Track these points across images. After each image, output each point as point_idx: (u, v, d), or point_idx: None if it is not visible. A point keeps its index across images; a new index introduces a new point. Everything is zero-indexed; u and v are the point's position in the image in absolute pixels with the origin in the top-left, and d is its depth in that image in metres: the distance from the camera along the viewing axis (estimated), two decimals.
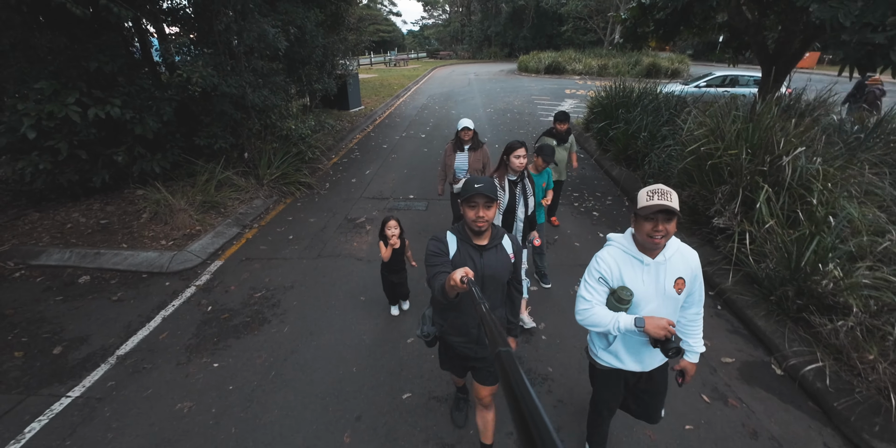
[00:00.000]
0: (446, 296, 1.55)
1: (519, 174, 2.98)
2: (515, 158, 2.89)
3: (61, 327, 3.47)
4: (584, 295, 1.80)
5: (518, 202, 3.00)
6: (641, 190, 1.67)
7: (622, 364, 1.92)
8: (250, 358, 3.16)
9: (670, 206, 1.55)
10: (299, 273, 4.29)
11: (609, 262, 1.77)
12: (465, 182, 1.74)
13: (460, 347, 2.01)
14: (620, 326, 1.67)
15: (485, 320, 0.81)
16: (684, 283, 1.77)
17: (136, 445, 2.47)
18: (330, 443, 2.49)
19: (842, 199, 3.52)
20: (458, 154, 4.18)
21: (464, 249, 1.82)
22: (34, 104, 4.36)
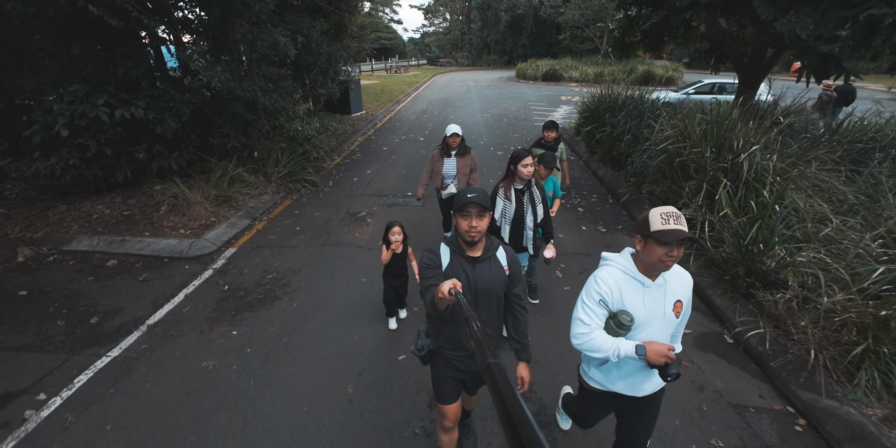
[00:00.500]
0: (436, 308, 1.54)
1: (525, 183, 2.97)
2: (523, 167, 2.88)
3: (95, 302, 3.90)
4: (582, 318, 1.72)
5: (526, 211, 2.99)
6: (653, 211, 1.61)
7: (613, 386, 1.85)
8: (264, 327, 3.59)
9: (691, 235, 1.53)
10: (306, 258, 4.72)
11: (610, 283, 1.70)
12: (459, 193, 1.73)
13: (456, 361, 1.96)
14: (621, 354, 1.62)
15: (472, 332, 0.80)
16: (682, 307, 1.73)
17: (170, 393, 2.89)
18: (336, 392, 2.92)
19: (790, 191, 3.97)
20: (445, 159, 4.24)
21: (456, 261, 1.79)
22: (67, 105, 4.82)
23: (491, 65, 43.93)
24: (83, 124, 4.93)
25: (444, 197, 4.42)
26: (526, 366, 2.01)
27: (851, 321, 2.85)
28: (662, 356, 1.57)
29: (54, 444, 2.52)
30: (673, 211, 1.59)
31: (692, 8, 5.77)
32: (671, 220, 1.55)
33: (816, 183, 4.23)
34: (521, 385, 1.98)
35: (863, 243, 3.32)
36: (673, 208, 1.60)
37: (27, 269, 4.41)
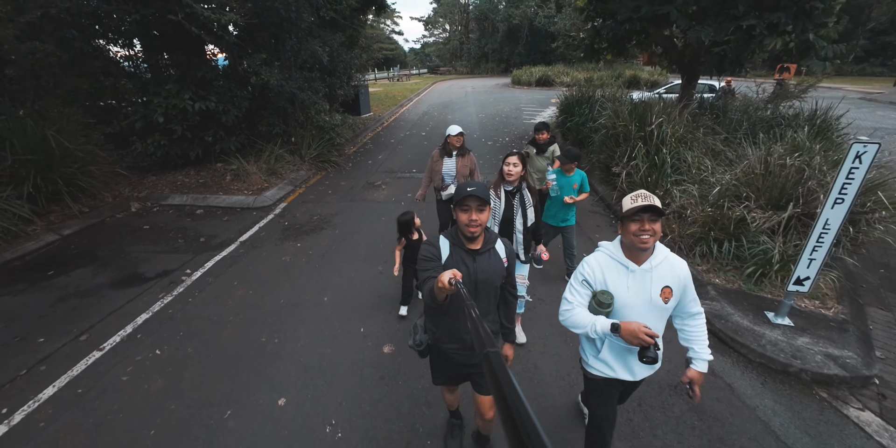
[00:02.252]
0: (435, 299, 1.56)
1: (516, 185, 2.91)
2: (506, 166, 2.86)
3: (198, 231, 5.60)
4: (567, 297, 1.84)
5: (515, 213, 2.92)
6: (626, 197, 1.72)
7: (613, 372, 1.92)
8: (318, 242, 5.27)
9: (653, 204, 1.61)
10: (339, 208, 6.42)
11: (594, 266, 1.80)
12: (459, 186, 1.74)
13: (454, 354, 1.99)
14: (598, 329, 1.69)
15: (472, 321, 0.81)
16: (671, 293, 1.77)
17: (266, 270, 4.57)
18: (371, 269, 4.58)
19: (682, 150, 5.65)
20: (445, 160, 4.20)
21: (456, 254, 1.81)
22: (164, 99, 6.58)
23: (489, 72, 45.97)
24: (173, 114, 6.69)
25: (444, 198, 4.32)
26: (511, 346, 2.14)
27: (696, 220, 4.51)
28: (635, 336, 1.59)
29: (205, 292, 4.20)
30: (641, 192, 1.69)
31: (630, 21, 7.52)
32: (639, 199, 1.66)
33: (709, 145, 5.90)
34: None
35: (722, 179, 4.98)
36: (643, 191, 1.70)
37: (141, 216, 6.13)
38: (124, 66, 7.50)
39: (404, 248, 3.60)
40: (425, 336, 2.00)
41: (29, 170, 5.26)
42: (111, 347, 3.39)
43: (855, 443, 2.58)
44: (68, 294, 4.13)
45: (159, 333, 3.56)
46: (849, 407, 2.84)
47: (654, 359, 1.60)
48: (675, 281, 1.77)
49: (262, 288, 4.25)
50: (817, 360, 3.06)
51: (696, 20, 6.84)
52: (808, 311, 3.65)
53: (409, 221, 3.52)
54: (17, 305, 3.93)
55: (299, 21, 6.82)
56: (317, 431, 2.63)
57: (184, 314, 3.83)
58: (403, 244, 3.59)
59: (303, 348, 3.37)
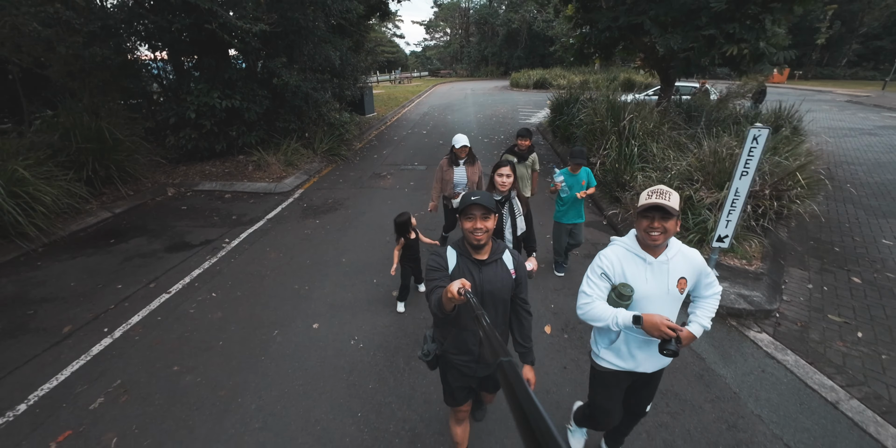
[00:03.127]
0: (443, 309, 1.55)
1: (505, 194, 2.89)
2: (498, 177, 2.85)
3: (230, 211, 6.48)
4: (585, 290, 1.82)
5: (505, 223, 2.91)
6: (643, 192, 1.72)
7: (623, 364, 1.92)
8: (334, 219, 6.14)
9: (662, 204, 1.61)
10: (351, 193, 7.30)
11: (612, 258, 1.80)
12: (463, 196, 1.75)
13: (462, 366, 1.97)
14: (619, 322, 1.69)
15: (483, 330, 0.80)
16: (686, 283, 1.81)
17: (292, 240, 5.44)
18: (380, 240, 5.45)
19: (648, 142, 6.53)
20: (455, 168, 4.19)
21: (463, 264, 1.80)
22: (196, 98, 7.47)
23: (488, 75, 46.95)
24: (204, 110, 7.58)
25: (455, 206, 4.34)
26: (531, 368, 2.02)
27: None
28: (657, 328, 1.60)
29: (243, 255, 5.07)
30: (658, 188, 1.67)
31: (609, 30, 8.43)
32: (654, 196, 1.65)
33: (674, 138, 6.78)
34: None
35: (679, 165, 5.85)
36: (662, 186, 1.69)
37: (178, 199, 7.01)
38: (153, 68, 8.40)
39: (402, 247, 3.71)
40: (433, 346, 1.98)
41: (87, 156, 6.14)
42: (176, 291, 4.26)
43: (746, 351, 3.45)
44: (131, 256, 5.00)
45: (212, 283, 4.43)
46: (750, 331, 3.70)
47: (674, 352, 1.60)
48: (690, 271, 1.81)
49: (290, 252, 5.12)
50: (731, 298, 3.93)
51: (666, 29, 7.74)
52: (734, 267, 4.52)
53: (405, 222, 3.65)
54: (92, 264, 4.81)
55: (315, 29, 7.73)
56: (343, 343, 3.49)
57: (229, 270, 4.70)
58: (402, 244, 3.70)
59: (328, 293, 4.24)
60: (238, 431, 2.66)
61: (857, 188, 7.74)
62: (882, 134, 13.12)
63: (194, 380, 3.08)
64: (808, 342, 3.57)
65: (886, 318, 3.88)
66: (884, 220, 6.22)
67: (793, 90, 32.34)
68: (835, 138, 12.50)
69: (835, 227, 6.01)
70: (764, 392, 3.02)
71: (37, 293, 4.18)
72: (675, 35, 7.47)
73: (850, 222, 6.20)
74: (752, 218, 4.97)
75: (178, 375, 3.12)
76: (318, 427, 2.69)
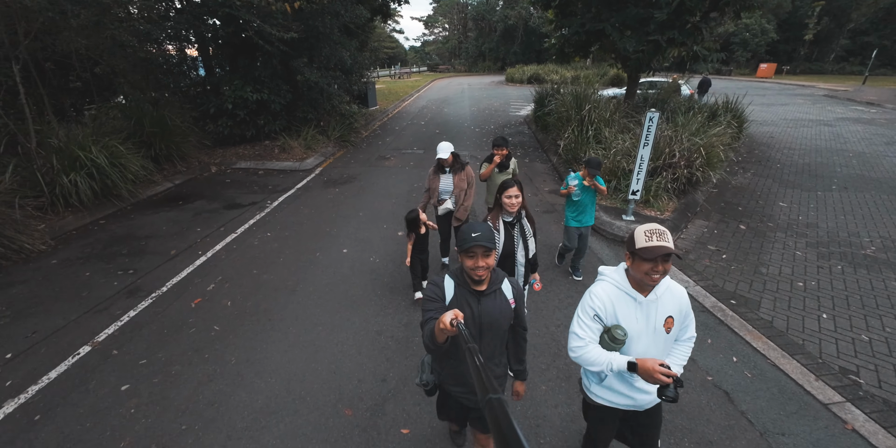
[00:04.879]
0: (435, 341, 1.53)
1: (515, 215, 2.80)
2: (507, 199, 2.75)
3: (265, 183, 8.06)
4: (577, 332, 1.79)
5: (517, 245, 2.81)
6: (638, 229, 1.68)
7: (616, 399, 1.91)
8: (350, 188, 7.73)
9: (672, 250, 1.58)
10: (361, 170, 8.89)
11: (603, 298, 1.77)
12: (462, 230, 1.70)
13: (459, 397, 1.96)
14: (614, 367, 1.67)
15: (473, 366, 0.80)
16: (673, 322, 1.79)
17: (320, 201, 7.03)
18: (388, 202, 7.03)
19: (601, 126, 8.10)
20: (441, 176, 4.20)
21: (461, 295, 1.77)
22: (233, 91, 9.02)
23: (486, 71, 48.30)
24: (238, 102, 9.14)
25: (441, 213, 4.39)
26: (522, 383, 2.13)
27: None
28: (651, 375, 1.57)
29: (284, 211, 6.65)
30: (656, 228, 1.64)
31: (578, 34, 9.96)
32: (654, 237, 1.62)
33: (624, 124, 8.35)
34: (515, 396, 2.16)
35: (622, 145, 7.42)
36: (657, 225, 1.66)
37: (221, 174, 8.60)
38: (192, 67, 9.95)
39: (414, 242, 3.97)
40: (431, 376, 1.96)
41: (154, 139, 7.71)
42: (241, 232, 5.86)
43: None
44: (199, 212, 6.60)
45: (266, 227, 6.03)
46: None
47: (673, 398, 1.56)
48: (677, 310, 1.79)
49: (319, 209, 6.72)
50: None
51: (624, 34, 9.28)
52: (648, 215, 6.12)
53: (415, 219, 3.83)
54: (172, 217, 6.40)
55: (331, 34, 9.27)
56: (365, 259, 5.10)
57: (275, 220, 6.30)
58: (413, 239, 3.93)
59: (352, 232, 5.84)
60: (302, 304, 4.26)
61: (785, 167, 9.33)
62: (836, 125, 14.59)
63: (269, 278, 4.69)
64: (689, 263, 5.17)
65: (749, 248, 5.48)
66: (790, 190, 7.82)
67: (776, 85, 33.78)
68: (791, 128, 14.04)
69: (748, 194, 7.61)
70: None
71: (141, 233, 5.78)
72: (630, 39, 9.01)
73: (762, 191, 7.80)
74: (669, 182, 6.55)
75: (257, 275, 4.73)
76: (352, 300, 4.30)
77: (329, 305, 4.20)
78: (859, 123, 14.73)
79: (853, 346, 3.67)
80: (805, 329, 3.90)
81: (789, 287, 4.59)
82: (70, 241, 5.55)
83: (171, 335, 3.73)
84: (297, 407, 2.97)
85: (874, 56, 30.34)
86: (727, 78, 39.92)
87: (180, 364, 3.38)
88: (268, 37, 7.92)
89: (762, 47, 42.09)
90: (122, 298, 4.28)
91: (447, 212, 4.38)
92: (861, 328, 3.91)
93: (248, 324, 3.88)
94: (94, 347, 3.57)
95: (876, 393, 3.16)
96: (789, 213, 6.68)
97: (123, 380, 3.21)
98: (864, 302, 4.31)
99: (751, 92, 25.12)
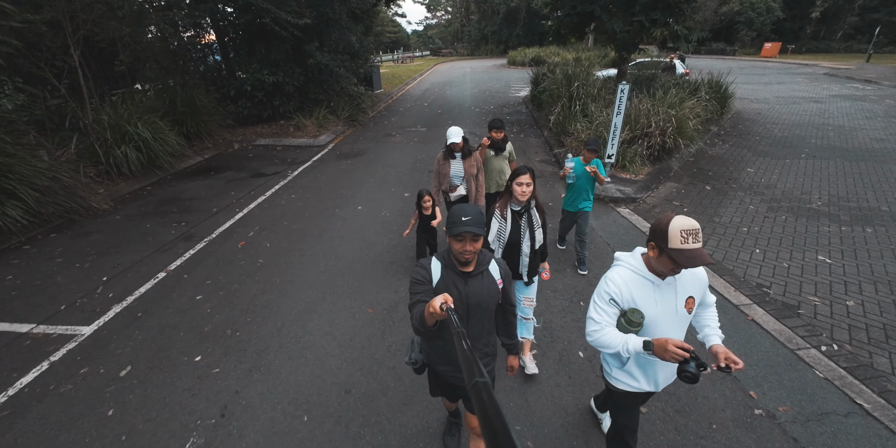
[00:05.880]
0: (424, 324, 1.57)
1: (524, 204, 2.67)
2: (517, 186, 2.64)
3: (284, 156, 8.97)
4: (593, 317, 1.79)
5: (523, 235, 2.70)
6: (674, 224, 1.58)
7: (637, 384, 1.92)
8: (361, 160, 8.62)
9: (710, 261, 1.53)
10: (370, 146, 9.76)
11: (619, 283, 1.76)
12: (452, 213, 1.70)
13: (447, 376, 2.01)
14: (630, 348, 1.67)
15: (461, 350, 0.81)
16: (694, 303, 1.78)
17: (334, 171, 7.94)
18: (395, 171, 7.92)
19: (588, 102, 8.86)
20: (451, 162, 4.18)
21: (448, 276, 1.79)
22: (251, 75, 9.85)
23: (488, 54, 48.29)
24: (256, 85, 9.97)
25: (454, 199, 4.35)
26: (515, 357, 2.18)
27: (583, 139, 7.78)
28: (668, 352, 1.54)
29: (304, 178, 7.57)
30: (693, 228, 1.55)
31: (570, 16, 10.60)
32: (690, 239, 1.54)
33: (610, 99, 9.09)
34: (509, 371, 2.21)
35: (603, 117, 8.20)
36: (694, 224, 1.55)
37: (243, 151, 9.51)
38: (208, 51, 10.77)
39: (418, 219, 4.18)
40: (420, 356, 2.01)
41: (185, 117, 8.61)
42: (269, 194, 6.80)
43: (612, 215, 5.92)
44: (230, 180, 7.54)
45: (290, 191, 6.96)
46: (619, 208, 6.17)
47: (694, 375, 1.50)
48: (697, 289, 1.79)
49: (335, 176, 7.63)
50: (612, 191, 6.39)
51: (611, 15, 9.93)
52: (624, 178, 6.97)
53: (419, 197, 4.04)
54: (207, 184, 7.35)
55: (340, 20, 10.01)
56: (377, 214, 6.02)
57: (297, 185, 7.23)
58: (417, 216, 4.19)
59: (365, 194, 6.76)
60: (328, 244, 5.20)
61: (763, 139, 10.05)
62: (827, 102, 15.05)
63: (298, 227, 5.64)
64: (653, 213, 6.03)
65: (709, 203, 6.33)
66: (761, 158, 8.58)
67: (780, 64, 33.72)
68: (781, 105, 14.56)
69: (722, 162, 8.39)
70: (611, 228, 5.53)
71: (184, 196, 6.74)
72: (617, 20, 9.67)
73: (735, 159, 8.57)
74: (644, 149, 7.36)
75: (288, 225, 5.68)
76: (368, 241, 5.24)
77: (349, 245, 5.14)
78: (849, 100, 15.16)
79: (773, 271, 4.55)
80: (738, 259, 4.78)
81: (735, 231, 5.46)
82: (126, 202, 6.52)
83: (225, 265, 4.69)
84: (331, 308, 3.94)
85: (877, 33, 30.24)
86: (731, 58, 39.79)
87: (237, 283, 4.35)
88: (283, 23, 8.70)
89: (767, 26, 41.66)
90: (181, 242, 5.25)
91: (460, 197, 4.34)
92: (784, 258, 4.78)
93: (286, 258, 4.84)
94: (168, 273, 4.55)
95: (779, 298, 4.06)
96: (754, 177, 7.48)
97: (197, 292, 4.19)
98: (794, 241, 5.17)
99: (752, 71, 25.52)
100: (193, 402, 2.92)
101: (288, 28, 8.98)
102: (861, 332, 3.58)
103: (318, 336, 3.57)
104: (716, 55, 41.82)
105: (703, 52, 41.97)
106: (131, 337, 3.58)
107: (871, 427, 2.69)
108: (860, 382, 3.03)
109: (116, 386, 3.07)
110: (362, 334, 3.59)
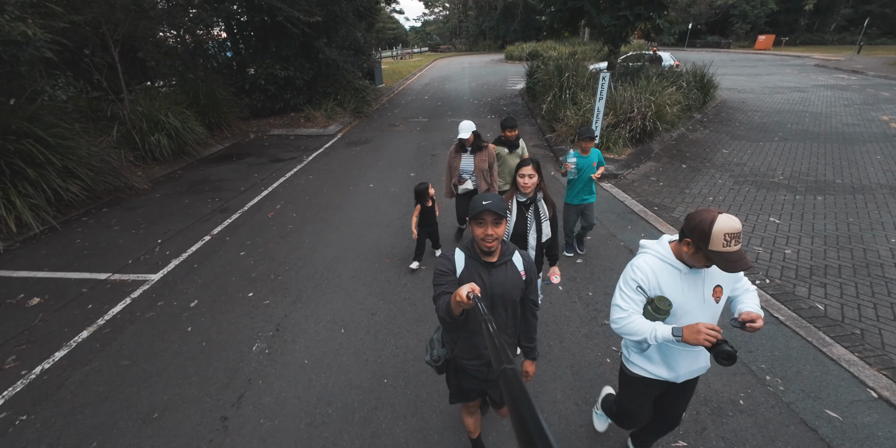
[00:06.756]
0: (451, 314, 1.56)
1: (529, 196, 2.69)
2: (520, 177, 2.64)
3: (298, 144, 9.73)
4: (619, 304, 1.77)
5: (529, 227, 2.70)
6: (717, 227, 1.48)
7: (655, 371, 1.89)
8: (368, 147, 9.39)
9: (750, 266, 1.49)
10: (376, 134, 10.52)
11: (646, 270, 1.74)
12: (474, 199, 1.70)
13: (472, 370, 1.96)
14: (658, 337, 1.64)
15: (488, 337, 0.81)
16: (722, 291, 1.75)
17: (345, 156, 8.71)
18: (401, 155, 8.69)
19: (577, 91, 9.61)
20: (462, 155, 4.23)
21: (472, 267, 1.79)
22: (264, 69, 10.60)
23: (486, 49, 48.88)
24: (269, 79, 10.72)
25: (461, 192, 4.41)
26: (532, 362, 2.11)
27: (572, 124, 8.54)
28: (698, 335, 1.52)
29: (318, 162, 8.34)
30: (737, 230, 1.48)
31: (561, 11, 11.32)
32: (732, 242, 1.47)
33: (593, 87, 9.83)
34: (525, 377, 2.13)
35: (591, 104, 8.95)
36: (738, 225, 1.48)
37: (259, 140, 10.27)
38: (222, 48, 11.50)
39: (420, 213, 4.19)
40: (443, 351, 1.98)
41: (208, 109, 9.37)
42: (289, 175, 7.58)
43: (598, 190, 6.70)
44: (252, 165, 8.31)
45: (307, 172, 7.74)
46: (602, 183, 6.94)
47: (731, 353, 1.44)
48: (727, 278, 1.75)
49: (346, 161, 8.41)
50: None
51: (599, 11, 10.64)
52: (607, 157, 7.73)
53: (424, 191, 4.10)
54: (231, 168, 8.12)
55: (347, 17, 10.75)
56: (388, 190, 6.80)
57: (313, 168, 8.01)
58: (419, 210, 4.18)
59: (374, 175, 7.53)
60: (347, 213, 5.98)
61: (742, 125, 10.78)
62: (811, 91, 15.71)
63: (319, 201, 6.42)
64: (632, 187, 6.80)
65: (683, 179, 7.09)
66: (737, 141, 9.33)
67: (772, 56, 34.34)
68: (766, 95, 15.24)
69: (700, 144, 9.15)
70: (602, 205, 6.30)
71: (213, 178, 7.53)
72: (604, 15, 10.39)
73: (712, 142, 9.33)
74: (627, 132, 8.12)
75: (310, 200, 6.46)
76: (381, 211, 6.02)
77: (365, 213, 5.93)
78: (832, 89, 15.81)
79: None
80: None
81: (702, 200, 6.23)
82: (162, 183, 7.31)
83: (261, 230, 5.48)
84: (354, 258, 4.73)
85: (867, 24, 30.84)
86: (725, 51, 40.36)
87: (273, 243, 5.14)
88: (294, 21, 9.44)
89: (762, 19, 42.14)
90: (217, 214, 6.04)
91: (467, 191, 4.40)
92: (741, 220, 5.54)
93: (312, 224, 5.63)
94: (213, 236, 5.34)
95: None
96: (727, 157, 8.24)
97: (240, 250, 4.98)
98: (752, 207, 5.95)
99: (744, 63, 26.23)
100: (252, 322, 3.72)
101: (299, 25, 9.72)
102: (791, 271, 4.36)
103: (346, 278, 4.36)
104: (711, 48, 42.33)
105: (699, 46, 42.55)
106: (193, 281, 4.37)
107: (781, 332, 3.48)
108: (780, 303, 3.82)
109: (189, 313, 3.86)
110: (382, 277, 4.38)
